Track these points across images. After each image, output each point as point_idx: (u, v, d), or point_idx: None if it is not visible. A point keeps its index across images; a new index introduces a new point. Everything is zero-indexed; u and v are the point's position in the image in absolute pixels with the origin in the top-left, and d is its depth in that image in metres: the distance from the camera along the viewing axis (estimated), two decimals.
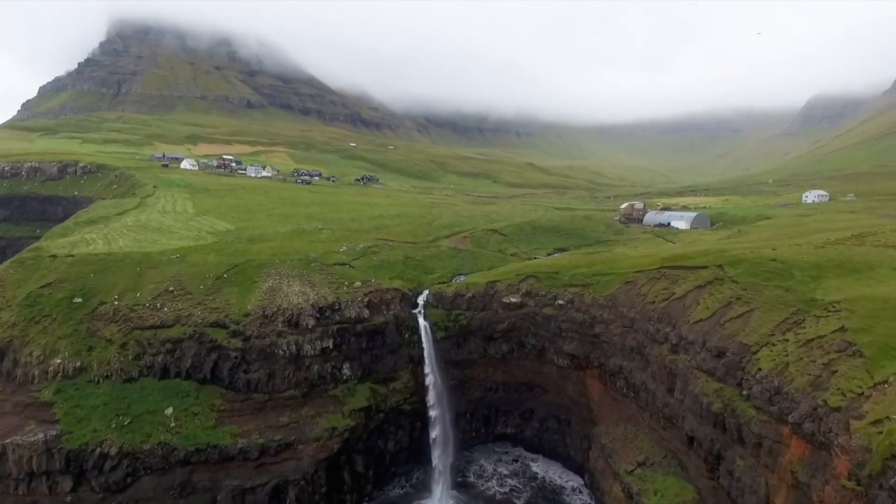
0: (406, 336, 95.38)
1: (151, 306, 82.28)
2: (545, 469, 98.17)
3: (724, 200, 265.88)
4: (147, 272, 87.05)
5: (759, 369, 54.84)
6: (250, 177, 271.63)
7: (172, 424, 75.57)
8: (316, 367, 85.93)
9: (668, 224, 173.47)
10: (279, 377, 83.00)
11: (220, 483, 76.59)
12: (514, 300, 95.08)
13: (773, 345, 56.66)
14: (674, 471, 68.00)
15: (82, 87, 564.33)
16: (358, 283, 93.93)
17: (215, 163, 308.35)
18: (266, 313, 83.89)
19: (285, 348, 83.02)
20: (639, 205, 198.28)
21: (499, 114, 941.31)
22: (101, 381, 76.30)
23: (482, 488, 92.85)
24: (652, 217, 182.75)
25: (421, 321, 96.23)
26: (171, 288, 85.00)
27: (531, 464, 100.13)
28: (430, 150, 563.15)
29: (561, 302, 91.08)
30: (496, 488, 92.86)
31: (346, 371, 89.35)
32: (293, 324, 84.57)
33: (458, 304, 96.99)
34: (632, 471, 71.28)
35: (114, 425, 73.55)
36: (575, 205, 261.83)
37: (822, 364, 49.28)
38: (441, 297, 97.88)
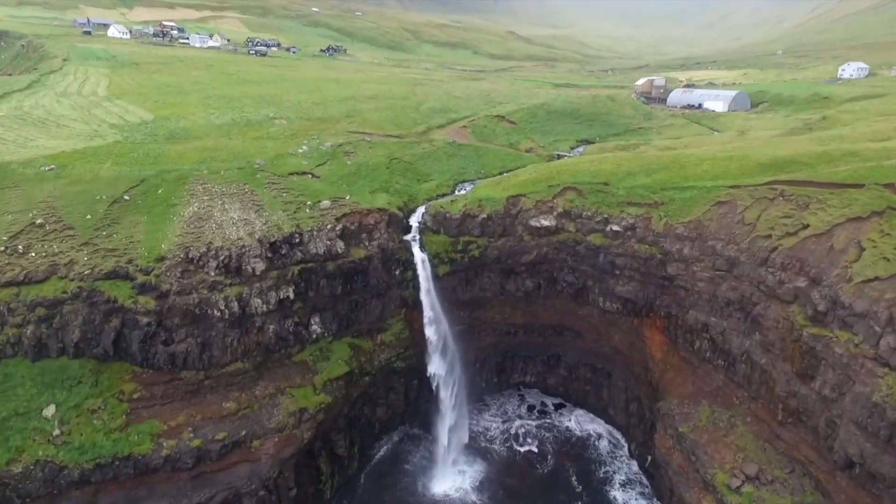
0: (397, 273, 69.26)
1: (9, 250, 53.50)
2: (577, 425, 78.08)
3: (742, 75, 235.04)
4: (1, 195, 57.28)
5: None
6: (194, 47, 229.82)
7: (57, 432, 50.20)
8: (272, 326, 60.02)
9: (700, 105, 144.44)
10: (218, 346, 57.00)
11: None
12: (546, 223, 68.46)
13: None
14: (811, 498, 45.95)
15: None
16: (326, 203, 65.73)
17: (152, 30, 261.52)
18: (191, 255, 55.81)
19: (223, 306, 56.16)
20: (659, 81, 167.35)
21: None
22: None
23: (497, 450, 73.42)
24: (678, 97, 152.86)
25: (417, 252, 69.70)
26: (39, 220, 55.85)
27: (557, 417, 79.84)
28: (402, 16, 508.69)
29: (616, 228, 64.68)
30: (514, 450, 73.52)
31: (316, 327, 64.21)
32: (233, 269, 57.06)
33: (468, 229, 70.08)
34: (738, 487, 49.26)
35: None
36: (574, 80, 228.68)
37: None
38: (444, 218, 70.60)
